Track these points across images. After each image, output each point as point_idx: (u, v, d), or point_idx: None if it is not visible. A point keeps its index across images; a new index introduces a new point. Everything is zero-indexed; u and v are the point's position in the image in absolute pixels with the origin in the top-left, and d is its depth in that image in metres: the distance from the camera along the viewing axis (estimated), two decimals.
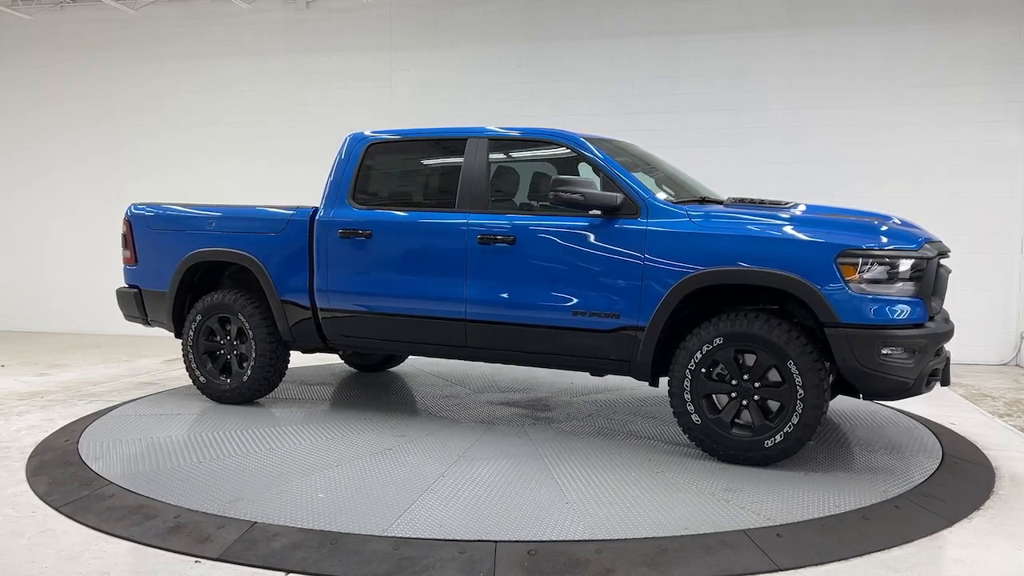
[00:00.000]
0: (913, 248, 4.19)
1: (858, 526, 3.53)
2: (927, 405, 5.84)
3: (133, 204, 6.19)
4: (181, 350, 5.87)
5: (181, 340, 5.88)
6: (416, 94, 9.37)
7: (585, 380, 6.64)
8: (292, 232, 5.44)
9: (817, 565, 3.17)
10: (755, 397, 4.29)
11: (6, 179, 10.62)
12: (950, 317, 4.63)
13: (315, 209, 5.43)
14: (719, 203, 4.86)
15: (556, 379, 6.75)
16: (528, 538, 3.35)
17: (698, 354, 4.34)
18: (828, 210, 4.83)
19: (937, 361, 4.29)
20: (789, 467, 4.31)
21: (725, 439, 4.33)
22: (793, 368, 4.13)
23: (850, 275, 4.07)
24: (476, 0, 9.21)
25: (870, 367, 4.06)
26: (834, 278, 4.07)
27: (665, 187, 4.96)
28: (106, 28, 10.18)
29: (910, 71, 8.19)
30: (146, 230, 6.01)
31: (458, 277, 4.91)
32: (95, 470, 4.24)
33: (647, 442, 4.87)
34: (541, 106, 8.87)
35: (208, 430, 5.06)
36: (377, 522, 3.51)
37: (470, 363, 7.13)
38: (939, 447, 4.80)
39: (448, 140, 5.29)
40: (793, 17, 8.46)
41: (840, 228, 4.31)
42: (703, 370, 4.35)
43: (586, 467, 4.32)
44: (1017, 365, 8.19)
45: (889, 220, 4.56)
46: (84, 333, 10.13)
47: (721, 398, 4.39)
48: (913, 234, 4.39)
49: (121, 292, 6.20)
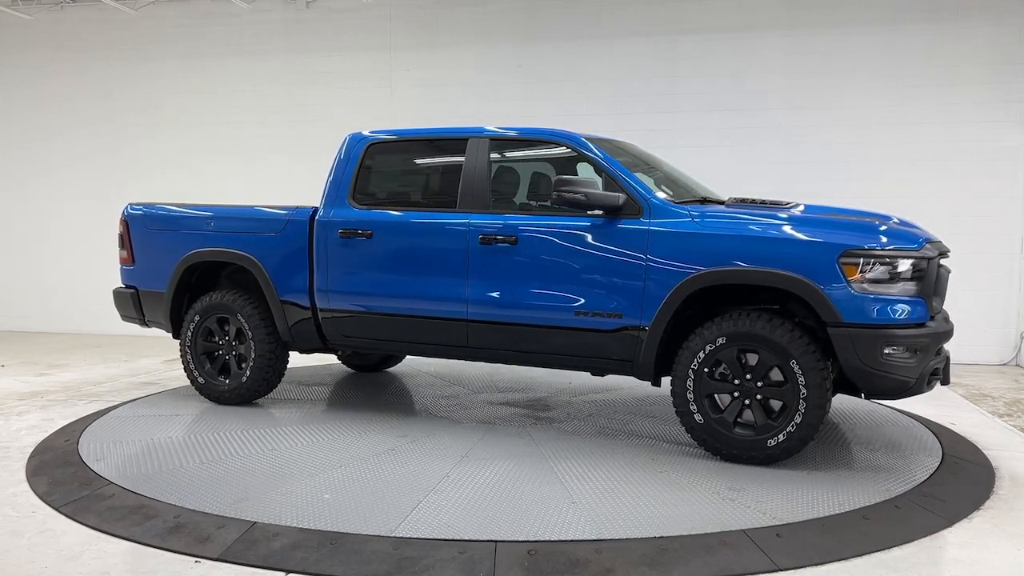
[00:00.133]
0: (914, 248, 4.20)
1: (858, 526, 3.53)
2: (927, 405, 5.84)
3: (130, 204, 6.14)
4: (179, 351, 5.86)
5: (179, 341, 5.86)
6: (416, 94, 9.37)
7: (583, 380, 6.64)
8: (291, 232, 5.42)
9: (817, 565, 3.17)
10: (757, 396, 4.29)
11: (6, 179, 10.62)
12: (949, 317, 4.64)
13: (315, 209, 5.42)
14: (720, 203, 4.86)
15: (554, 379, 6.74)
16: (530, 538, 3.35)
17: (701, 354, 4.34)
18: (827, 210, 4.84)
19: (937, 360, 4.31)
20: (791, 466, 4.32)
21: (728, 438, 4.34)
22: (796, 367, 4.14)
23: (853, 275, 4.08)
24: (476, 0, 9.21)
25: (872, 366, 4.07)
26: (837, 278, 4.08)
27: (665, 187, 4.96)
28: (106, 28, 10.18)
29: (910, 71, 8.19)
30: (143, 230, 5.98)
31: (459, 277, 4.91)
32: (95, 470, 4.24)
33: (649, 441, 4.87)
34: (541, 106, 8.87)
35: (208, 431, 5.05)
36: (384, 522, 3.50)
37: (467, 363, 7.14)
38: (939, 447, 4.81)
39: (449, 140, 5.28)
40: (793, 17, 8.46)
41: (842, 228, 4.33)
42: (706, 370, 4.35)
43: (590, 467, 4.32)
44: (1017, 365, 8.19)
45: (889, 220, 4.58)
46: (84, 333, 10.13)
47: (724, 397, 4.39)
48: (914, 234, 4.41)
49: (118, 292, 6.17)
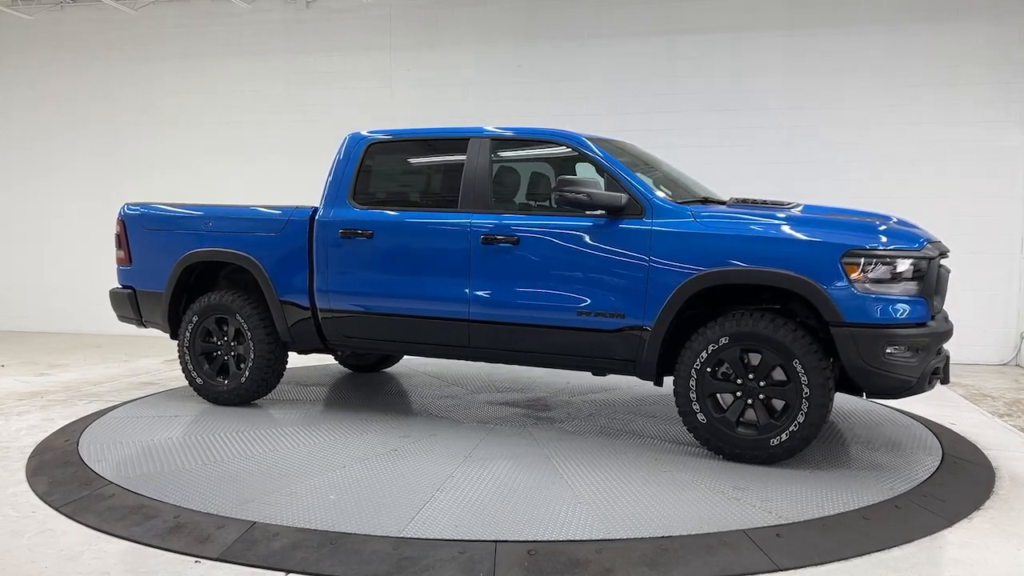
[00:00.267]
0: (915, 248, 4.21)
1: (858, 526, 3.53)
2: (927, 405, 5.84)
3: (127, 204, 6.09)
4: (177, 351, 5.84)
5: (177, 341, 5.82)
6: (416, 94, 9.38)
7: (581, 380, 6.64)
8: (291, 232, 5.41)
9: (817, 565, 3.17)
10: (760, 396, 4.30)
11: (6, 179, 10.62)
12: (949, 316, 4.65)
13: (314, 209, 5.41)
14: (721, 203, 4.87)
15: (552, 379, 6.74)
16: (535, 538, 3.35)
17: (704, 353, 4.35)
18: (827, 210, 4.84)
19: (938, 360, 4.32)
20: (792, 465, 4.32)
21: (731, 438, 4.34)
22: (799, 367, 4.15)
23: (855, 275, 4.08)
24: (476, 0, 9.21)
25: (875, 366, 4.08)
26: (840, 278, 4.09)
27: (664, 187, 4.96)
28: (106, 28, 10.18)
29: (910, 71, 8.19)
30: (141, 230, 5.94)
31: (461, 277, 4.91)
32: (95, 470, 4.24)
33: (651, 441, 4.88)
34: (541, 106, 8.87)
35: (209, 431, 5.05)
36: (392, 523, 3.50)
37: (465, 363, 7.13)
38: (939, 447, 4.80)
39: (449, 140, 5.28)
40: (793, 17, 8.46)
41: (845, 228, 4.34)
42: (708, 369, 4.36)
43: (594, 467, 4.32)
44: (1017, 365, 8.18)
45: (889, 220, 4.59)
46: (84, 333, 10.13)
47: (726, 397, 4.40)
48: (914, 234, 4.42)
49: (115, 293, 6.12)
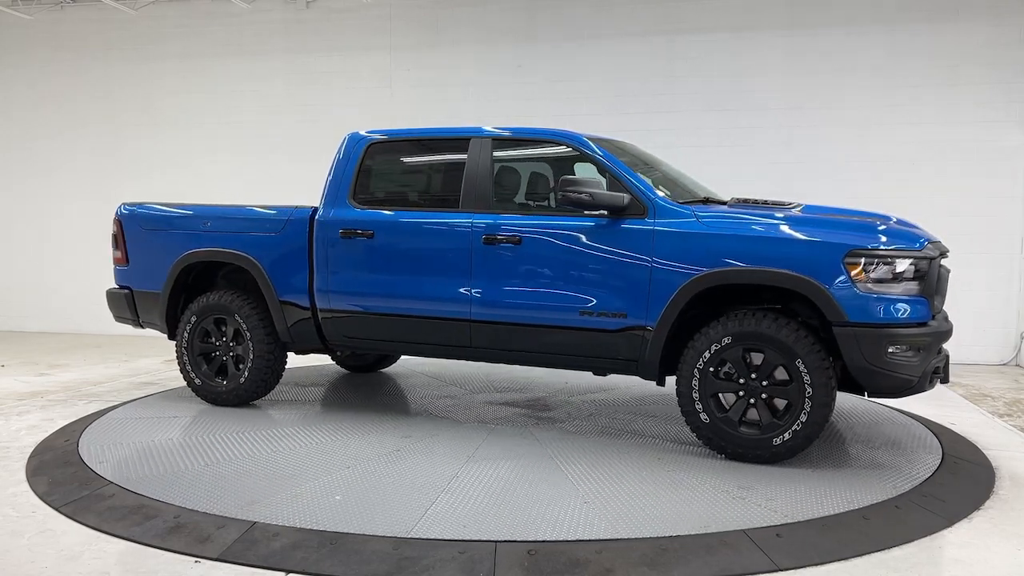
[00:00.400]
0: (916, 248, 4.23)
1: (858, 526, 3.53)
2: (927, 405, 5.84)
3: (124, 204, 6.05)
4: (175, 352, 5.81)
5: (175, 342, 5.80)
6: (416, 94, 9.38)
7: (580, 380, 6.64)
8: (291, 232, 5.40)
9: (817, 565, 3.17)
10: (763, 396, 4.31)
11: (6, 179, 10.62)
12: (948, 316, 4.65)
13: (314, 209, 5.41)
14: (722, 203, 4.87)
15: (551, 379, 6.74)
16: (531, 538, 3.35)
17: (706, 353, 4.35)
18: (827, 210, 4.85)
19: (938, 359, 4.34)
20: (795, 464, 4.33)
21: (733, 437, 4.35)
22: (801, 367, 4.16)
23: (857, 275, 4.10)
24: (476, 0, 9.21)
25: (877, 365, 4.09)
26: (842, 278, 4.10)
27: (664, 187, 4.96)
28: (106, 28, 10.18)
29: (910, 71, 8.19)
30: (138, 230, 5.91)
31: (463, 277, 4.91)
32: (95, 470, 4.24)
33: (653, 441, 4.88)
34: (541, 106, 8.87)
35: (210, 431, 5.05)
36: (400, 523, 3.49)
37: (462, 363, 7.13)
38: (939, 447, 4.81)
39: (450, 140, 5.28)
40: (793, 17, 8.46)
41: (846, 228, 4.35)
42: (711, 369, 4.36)
43: (598, 467, 4.32)
44: (1017, 365, 8.18)
45: (889, 220, 4.59)
46: (84, 333, 10.13)
47: (728, 397, 4.40)
48: (915, 234, 4.44)
49: (111, 293, 6.09)
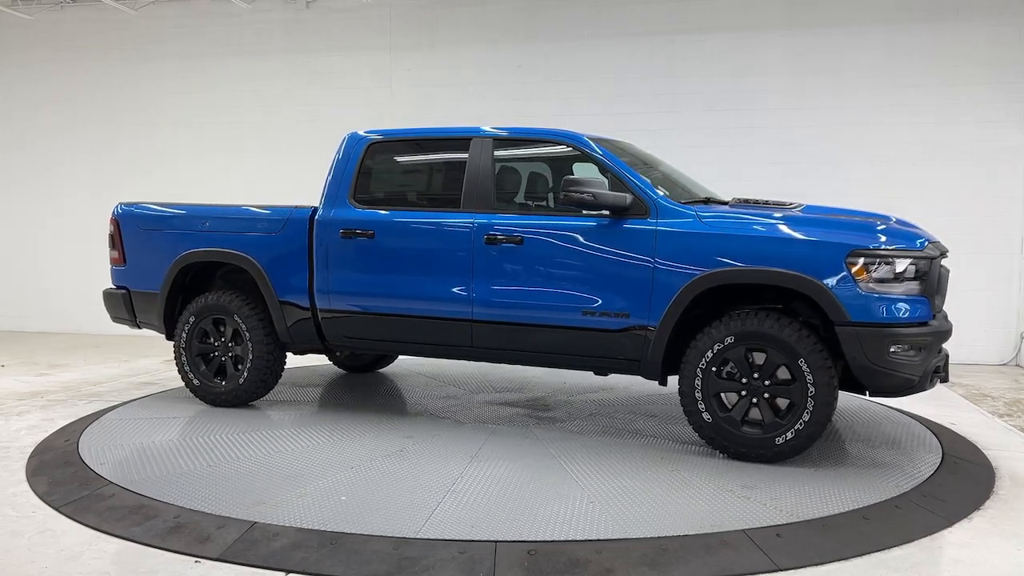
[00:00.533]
0: (917, 248, 4.24)
1: (858, 526, 3.53)
2: (927, 405, 5.84)
3: (121, 203, 6.02)
4: (173, 352, 5.79)
5: (173, 342, 5.77)
6: (416, 94, 9.37)
7: (578, 380, 6.64)
8: (291, 232, 5.39)
9: (817, 565, 3.17)
10: (765, 395, 4.31)
11: (6, 179, 10.62)
12: (948, 316, 4.66)
13: (314, 209, 5.40)
14: (724, 203, 4.88)
15: (549, 378, 6.73)
16: (532, 537, 3.35)
17: (709, 353, 4.35)
18: (828, 210, 4.84)
19: (938, 359, 4.36)
20: (797, 463, 4.34)
21: (736, 436, 4.36)
22: (804, 366, 4.17)
23: (860, 275, 4.10)
24: (476, 0, 9.21)
25: (879, 364, 4.11)
26: (845, 278, 4.11)
27: (664, 187, 4.96)
28: (106, 28, 10.18)
29: (910, 71, 8.19)
30: (135, 230, 5.88)
31: (464, 277, 4.91)
32: (95, 470, 4.24)
33: (655, 440, 4.89)
34: (541, 106, 8.87)
35: (211, 432, 5.04)
36: (409, 523, 3.49)
37: (460, 363, 7.12)
38: (939, 447, 4.81)
39: (451, 140, 5.28)
40: (793, 16, 8.46)
41: (849, 228, 4.36)
42: (714, 369, 4.37)
43: (602, 466, 4.32)
44: (1017, 365, 8.18)
45: (889, 220, 4.60)
46: (84, 333, 10.13)
47: (730, 396, 4.41)
48: (916, 234, 4.45)
49: (108, 293, 6.07)
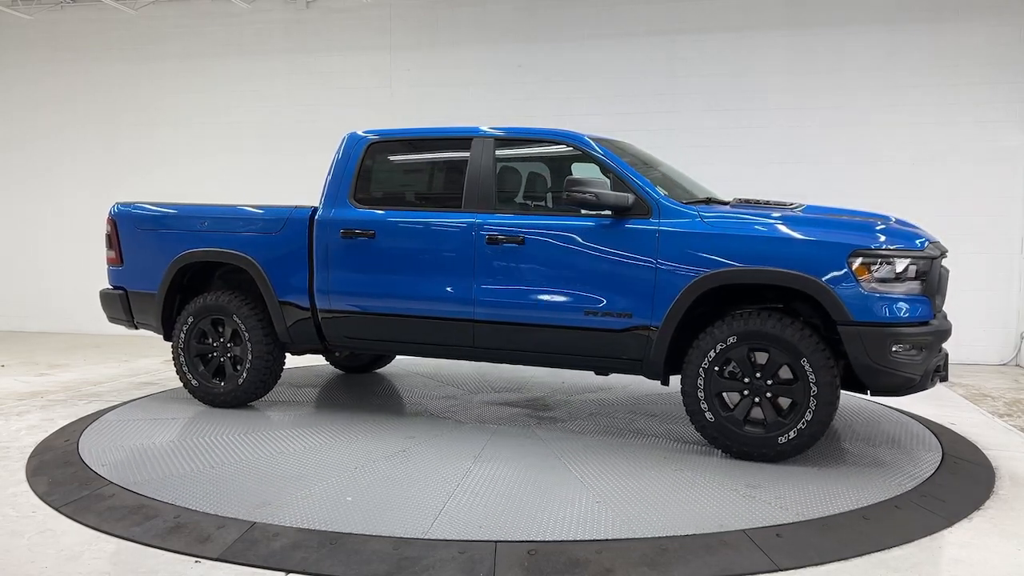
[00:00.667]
0: (918, 248, 4.25)
1: (858, 526, 3.53)
2: (927, 405, 5.84)
3: (118, 203, 5.99)
4: (171, 352, 5.77)
5: (171, 343, 5.74)
6: (416, 94, 9.37)
7: (577, 380, 6.63)
8: (291, 232, 5.38)
9: (817, 565, 3.17)
10: (767, 395, 4.32)
11: (6, 179, 10.61)
12: (948, 316, 4.66)
13: (314, 209, 5.39)
14: (724, 203, 4.88)
15: (548, 378, 6.73)
16: (533, 537, 3.35)
17: (712, 353, 4.36)
18: (828, 210, 4.84)
19: (938, 358, 4.37)
20: (798, 463, 4.34)
21: (739, 436, 4.36)
22: (806, 366, 4.18)
23: (862, 274, 4.11)
24: (476, 0, 9.21)
25: (881, 364, 4.12)
26: (847, 277, 4.11)
27: (665, 187, 4.96)
28: (106, 28, 10.18)
29: (910, 71, 8.19)
30: (133, 230, 5.84)
31: (466, 277, 4.90)
32: (95, 470, 4.24)
33: (656, 440, 4.89)
34: (541, 106, 8.87)
35: (211, 432, 5.04)
36: (416, 524, 3.49)
37: (458, 363, 7.12)
38: (939, 447, 4.81)
39: (452, 140, 5.28)
40: (793, 16, 8.46)
41: (850, 228, 4.36)
42: (716, 368, 4.37)
43: (605, 466, 4.32)
44: (1017, 365, 8.18)
45: (889, 220, 4.61)
46: (84, 333, 10.13)
47: (733, 396, 4.41)
48: (916, 233, 4.47)
49: (105, 294, 6.04)
